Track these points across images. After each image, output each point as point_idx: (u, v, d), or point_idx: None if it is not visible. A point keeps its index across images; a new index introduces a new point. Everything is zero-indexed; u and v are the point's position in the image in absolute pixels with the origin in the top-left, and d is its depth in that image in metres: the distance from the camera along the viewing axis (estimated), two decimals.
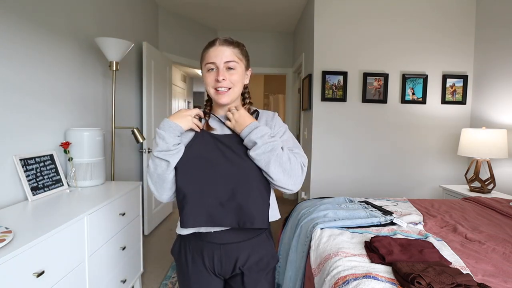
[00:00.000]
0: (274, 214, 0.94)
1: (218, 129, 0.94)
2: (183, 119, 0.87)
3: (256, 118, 0.97)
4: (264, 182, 0.88)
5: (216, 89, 0.89)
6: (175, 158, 0.84)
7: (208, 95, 0.98)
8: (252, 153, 0.84)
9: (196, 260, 0.92)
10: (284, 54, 4.42)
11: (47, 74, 1.66)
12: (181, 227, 0.85)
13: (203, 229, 0.88)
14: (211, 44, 0.90)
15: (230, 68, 0.89)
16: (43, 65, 1.62)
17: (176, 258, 0.97)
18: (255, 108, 1.00)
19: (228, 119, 0.91)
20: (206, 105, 1.00)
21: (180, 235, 0.96)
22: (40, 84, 1.60)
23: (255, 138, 0.83)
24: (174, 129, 0.85)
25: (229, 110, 0.91)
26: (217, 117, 0.97)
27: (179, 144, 0.86)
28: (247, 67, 0.96)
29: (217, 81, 0.88)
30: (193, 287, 0.93)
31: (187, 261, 0.93)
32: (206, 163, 0.85)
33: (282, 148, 0.86)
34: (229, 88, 0.90)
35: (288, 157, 0.86)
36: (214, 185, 0.84)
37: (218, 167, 0.85)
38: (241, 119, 0.88)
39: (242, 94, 0.99)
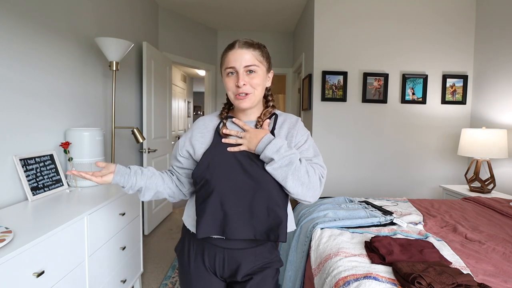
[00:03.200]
0: (290, 224, 0.91)
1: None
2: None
3: (274, 122, 0.92)
4: (283, 194, 0.85)
5: (236, 94, 0.87)
6: (147, 196, 0.92)
7: (227, 99, 0.95)
8: (269, 167, 0.80)
9: (197, 259, 0.91)
10: (284, 54, 4.42)
11: (47, 74, 1.66)
12: (197, 236, 0.84)
13: None
14: (231, 47, 0.87)
15: (250, 72, 0.86)
16: (43, 65, 1.62)
17: (178, 255, 0.97)
18: (274, 112, 0.95)
19: (241, 142, 0.86)
20: (224, 108, 0.97)
21: (185, 232, 0.96)
22: (40, 84, 1.60)
23: (270, 154, 0.79)
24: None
25: (238, 135, 0.87)
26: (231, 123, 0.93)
27: (132, 188, 0.90)
28: (268, 70, 0.92)
29: (238, 86, 0.85)
30: (194, 285, 0.92)
31: (190, 259, 0.92)
32: (223, 173, 0.83)
33: (300, 160, 0.83)
34: (251, 92, 0.87)
35: (306, 170, 0.82)
36: (231, 196, 0.82)
37: (235, 178, 0.82)
38: (253, 136, 0.84)
39: (265, 97, 0.96)
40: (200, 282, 0.91)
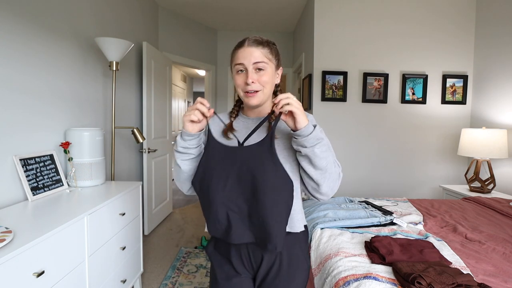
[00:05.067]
0: (298, 225, 0.90)
1: (242, 131, 0.92)
2: (185, 123, 0.84)
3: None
4: (286, 197, 0.80)
5: (245, 91, 0.87)
6: (183, 163, 0.88)
7: (238, 96, 0.96)
8: (317, 149, 0.77)
9: (225, 261, 0.92)
10: (284, 54, 4.42)
11: (48, 74, 1.66)
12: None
13: None
14: (240, 44, 0.88)
15: (259, 69, 0.86)
16: (44, 65, 1.62)
17: (209, 257, 0.97)
18: None
19: (278, 103, 0.78)
20: (235, 105, 1.00)
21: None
22: (41, 84, 1.60)
23: (309, 143, 0.76)
24: (184, 133, 0.85)
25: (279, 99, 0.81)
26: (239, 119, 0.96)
27: (188, 148, 0.86)
28: (277, 67, 0.92)
29: (247, 83, 0.85)
30: (220, 280, 0.92)
31: (218, 260, 0.94)
32: (218, 184, 0.80)
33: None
34: (259, 90, 0.87)
35: (335, 165, 0.83)
36: (232, 198, 0.80)
37: (233, 180, 0.80)
38: (301, 110, 0.77)
39: (275, 92, 0.97)
40: (228, 284, 0.91)
